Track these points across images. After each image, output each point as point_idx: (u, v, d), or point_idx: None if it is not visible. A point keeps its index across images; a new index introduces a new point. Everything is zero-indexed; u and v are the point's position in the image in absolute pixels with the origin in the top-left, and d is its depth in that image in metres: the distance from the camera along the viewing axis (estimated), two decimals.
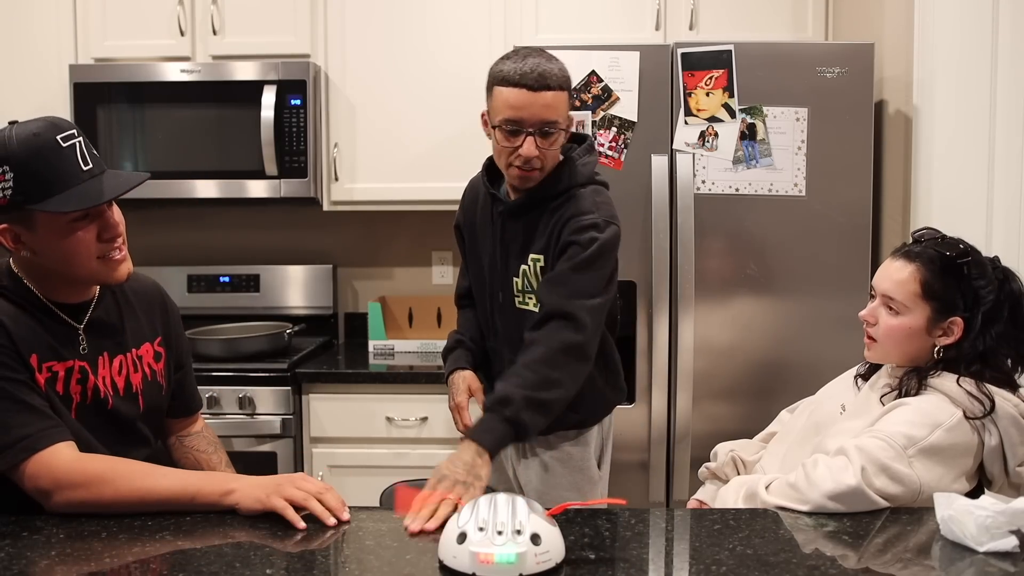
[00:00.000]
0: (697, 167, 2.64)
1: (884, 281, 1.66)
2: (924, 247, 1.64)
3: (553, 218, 1.89)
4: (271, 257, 3.48)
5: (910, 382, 1.60)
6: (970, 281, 1.60)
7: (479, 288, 2.11)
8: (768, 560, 1.29)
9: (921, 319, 1.61)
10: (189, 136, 3.06)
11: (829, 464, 1.49)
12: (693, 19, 3.02)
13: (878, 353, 1.69)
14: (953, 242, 1.65)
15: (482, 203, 2.05)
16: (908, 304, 1.62)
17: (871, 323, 1.67)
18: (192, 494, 1.47)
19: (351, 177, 3.14)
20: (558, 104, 1.81)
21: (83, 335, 1.58)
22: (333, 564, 1.32)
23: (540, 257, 1.92)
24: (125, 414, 1.63)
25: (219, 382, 2.86)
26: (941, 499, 1.36)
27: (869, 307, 1.69)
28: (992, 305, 1.59)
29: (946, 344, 1.61)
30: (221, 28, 3.11)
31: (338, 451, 2.92)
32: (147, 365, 1.69)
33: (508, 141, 1.83)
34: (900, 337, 1.63)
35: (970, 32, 2.28)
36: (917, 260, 1.63)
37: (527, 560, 1.21)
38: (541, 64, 1.80)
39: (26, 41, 3.12)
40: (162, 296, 1.78)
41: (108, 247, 1.54)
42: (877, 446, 1.49)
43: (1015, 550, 1.27)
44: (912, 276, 1.62)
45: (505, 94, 1.80)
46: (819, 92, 2.61)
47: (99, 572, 1.27)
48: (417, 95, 3.10)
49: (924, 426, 1.51)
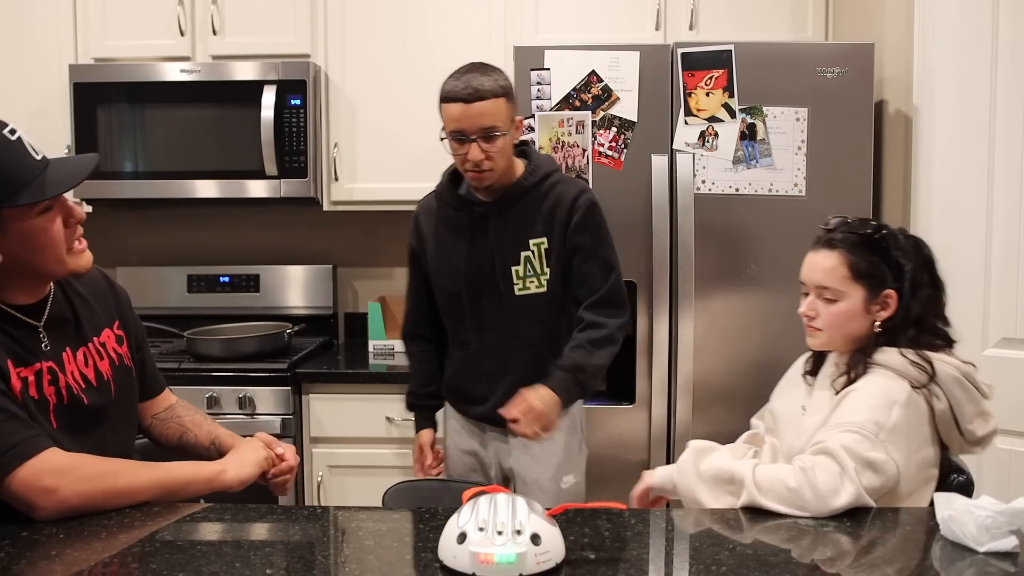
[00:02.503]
0: (697, 167, 2.64)
1: (813, 273, 1.72)
2: (840, 233, 1.71)
3: (546, 203, 2.13)
4: (271, 257, 3.48)
5: (857, 366, 1.66)
6: (890, 253, 1.69)
7: (454, 298, 2.22)
8: (768, 560, 1.29)
9: (858, 300, 1.68)
10: (189, 136, 3.06)
11: (826, 468, 1.47)
12: (693, 19, 3.02)
13: (822, 340, 1.74)
14: (865, 221, 1.74)
15: (444, 216, 2.23)
16: (842, 288, 1.69)
17: (812, 316, 1.73)
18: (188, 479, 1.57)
19: (351, 177, 3.14)
20: (495, 111, 2.03)
21: (43, 333, 1.57)
22: (333, 564, 1.32)
23: (543, 240, 2.13)
24: (101, 407, 1.63)
25: (219, 382, 2.86)
26: (941, 499, 1.36)
27: (806, 303, 1.74)
28: (913, 272, 1.68)
29: (885, 317, 1.68)
30: (221, 28, 3.11)
31: (338, 451, 2.92)
32: (112, 351, 1.69)
33: (457, 149, 2.07)
34: (842, 321, 1.69)
35: (970, 32, 2.28)
36: (839, 246, 1.70)
37: (527, 560, 1.21)
38: (475, 79, 2.03)
39: (26, 41, 3.12)
40: (108, 281, 1.78)
41: (72, 235, 1.55)
42: (854, 440, 1.51)
43: (1015, 550, 1.27)
44: (839, 262, 1.69)
45: (447, 109, 2.05)
46: (819, 92, 2.61)
47: (99, 572, 1.27)
48: (417, 95, 3.09)
49: (883, 408, 1.56)
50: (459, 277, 2.19)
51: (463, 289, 2.19)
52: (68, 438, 1.53)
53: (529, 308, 2.15)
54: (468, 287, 2.18)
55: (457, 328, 2.25)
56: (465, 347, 2.24)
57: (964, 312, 2.30)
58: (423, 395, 2.35)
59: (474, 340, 2.21)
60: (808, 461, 1.50)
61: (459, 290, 2.20)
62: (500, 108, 2.04)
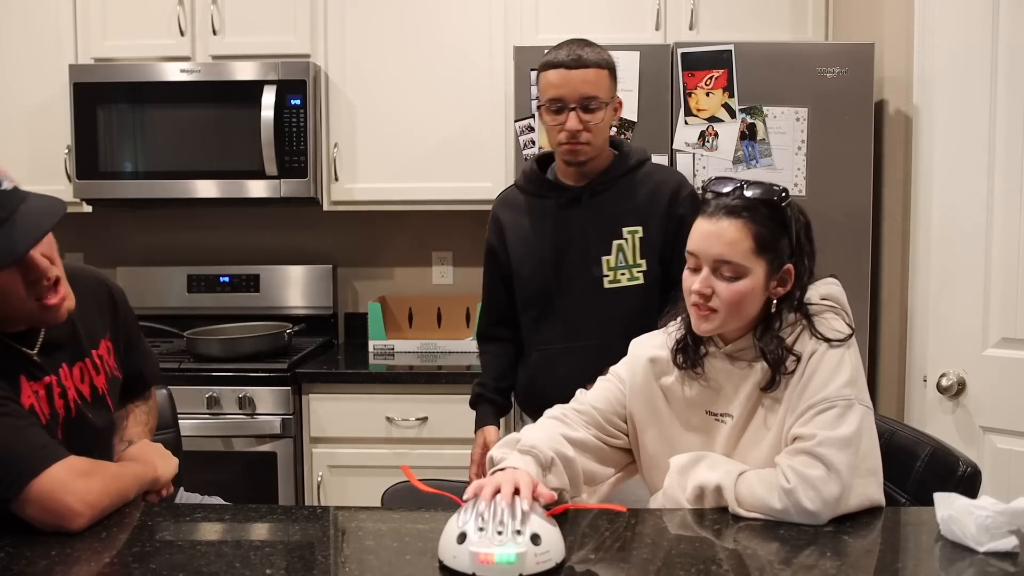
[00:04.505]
0: (697, 167, 2.64)
1: (714, 246, 1.46)
2: (741, 199, 1.48)
3: (642, 190, 2.05)
4: (271, 257, 3.48)
5: (777, 351, 1.48)
6: (789, 223, 1.50)
7: (536, 292, 2.10)
8: (768, 560, 1.29)
9: (760, 276, 1.47)
10: (189, 136, 3.06)
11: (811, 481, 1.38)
12: (693, 19, 3.02)
13: (716, 324, 1.49)
14: (766, 185, 1.51)
15: (528, 205, 2.12)
16: (745, 263, 1.46)
17: (708, 296, 1.48)
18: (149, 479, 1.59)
19: (351, 177, 3.14)
20: (597, 81, 1.97)
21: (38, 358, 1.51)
22: (333, 564, 1.32)
23: (638, 228, 2.04)
24: (99, 424, 1.60)
25: (219, 382, 2.86)
26: (941, 499, 1.36)
27: (700, 279, 1.48)
28: (799, 240, 1.51)
29: (782, 295, 1.51)
30: (221, 28, 3.11)
31: (338, 451, 2.92)
32: (107, 365, 1.66)
33: (554, 119, 1.98)
34: (744, 301, 1.47)
35: (970, 32, 2.28)
36: (743, 215, 1.46)
37: (527, 560, 1.21)
38: (579, 48, 1.98)
39: (26, 41, 3.12)
40: (107, 286, 1.72)
41: (39, 290, 1.44)
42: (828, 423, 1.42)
43: (1015, 550, 1.27)
44: (744, 233, 1.46)
45: (547, 76, 1.98)
46: (819, 92, 2.61)
47: (99, 572, 1.27)
48: (417, 95, 3.10)
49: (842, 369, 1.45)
50: (544, 268, 2.08)
51: (548, 281, 2.07)
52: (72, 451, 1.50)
53: (620, 303, 2.04)
54: (553, 279, 2.07)
55: (539, 327, 2.12)
56: (546, 347, 2.11)
57: (964, 312, 2.31)
58: (495, 388, 2.20)
59: (557, 339, 2.09)
60: (792, 477, 1.39)
61: (543, 282, 2.08)
62: (603, 79, 1.98)
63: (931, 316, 2.38)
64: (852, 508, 1.41)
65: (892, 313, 2.68)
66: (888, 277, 2.71)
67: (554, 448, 1.49)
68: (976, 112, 2.27)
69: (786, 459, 1.43)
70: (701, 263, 1.49)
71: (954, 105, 2.33)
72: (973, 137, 2.28)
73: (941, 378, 2.33)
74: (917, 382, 2.44)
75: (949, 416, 2.34)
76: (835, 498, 1.38)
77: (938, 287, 2.37)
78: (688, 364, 1.57)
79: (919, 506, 1.58)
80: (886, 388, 2.72)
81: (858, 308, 2.69)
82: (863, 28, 2.88)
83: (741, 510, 1.42)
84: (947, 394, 2.33)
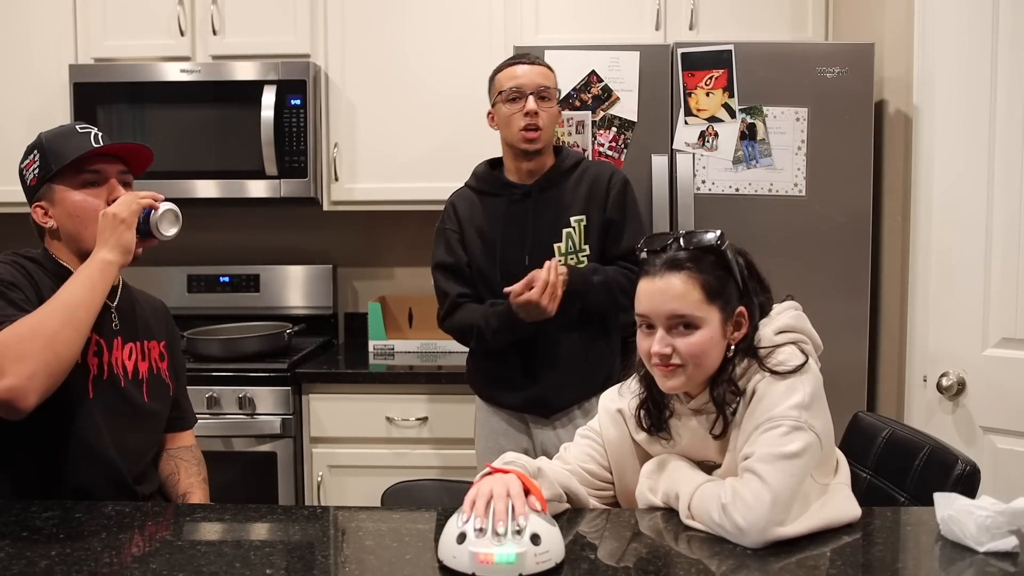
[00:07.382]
0: (697, 167, 2.64)
1: (665, 303, 1.45)
2: (679, 252, 1.48)
3: (583, 184, 2.30)
4: (271, 257, 3.48)
5: (726, 395, 1.46)
6: (731, 265, 1.49)
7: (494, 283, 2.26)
8: (768, 560, 1.28)
9: (716, 324, 1.46)
10: (189, 136, 3.06)
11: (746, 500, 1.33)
12: (693, 19, 3.02)
13: (683, 379, 1.46)
14: (699, 233, 1.50)
15: (481, 203, 2.35)
16: (699, 313, 1.44)
17: (668, 354, 1.45)
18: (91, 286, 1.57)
19: (351, 177, 3.14)
20: (549, 77, 2.30)
21: (115, 314, 1.70)
22: (333, 564, 1.32)
23: (583, 217, 2.28)
24: (133, 398, 1.70)
25: (219, 382, 2.86)
26: (941, 499, 1.36)
27: (657, 339, 1.45)
28: (744, 280, 1.50)
29: (739, 339, 1.48)
30: (221, 28, 3.11)
31: (338, 451, 2.92)
32: (154, 360, 1.77)
33: (512, 107, 2.24)
34: (706, 350, 1.45)
35: (970, 32, 2.28)
36: (686, 266, 1.46)
37: (527, 560, 1.21)
38: (530, 55, 2.32)
39: (26, 41, 3.12)
40: (167, 313, 1.91)
41: None
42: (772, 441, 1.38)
43: (1015, 550, 1.27)
44: (690, 285, 1.45)
45: (506, 72, 2.28)
46: (819, 92, 2.61)
47: (99, 572, 1.27)
48: (417, 95, 3.10)
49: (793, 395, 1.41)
50: (502, 257, 2.27)
51: (507, 269, 2.24)
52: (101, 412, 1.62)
53: None
54: (511, 267, 2.23)
55: None
56: None
57: (964, 312, 2.31)
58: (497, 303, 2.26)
59: None
60: (728, 493, 1.36)
61: (499, 273, 2.26)
62: (552, 80, 2.31)
63: (931, 316, 2.39)
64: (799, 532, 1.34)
65: (892, 313, 2.68)
66: (888, 277, 2.71)
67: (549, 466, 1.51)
68: (976, 112, 2.27)
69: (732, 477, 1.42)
70: (654, 323, 1.47)
71: (954, 105, 2.33)
72: (973, 137, 2.28)
73: (941, 378, 2.33)
74: (917, 382, 2.44)
75: (949, 416, 2.35)
76: (764, 517, 1.32)
77: (938, 287, 2.37)
78: (655, 429, 1.55)
79: (918, 505, 1.58)
80: (886, 388, 2.72)
81: (858, 308, 2.70)
82: (863, 28, 2.88)
83: (691, 521, 1.40)
84: (947, 394, 2.33)
